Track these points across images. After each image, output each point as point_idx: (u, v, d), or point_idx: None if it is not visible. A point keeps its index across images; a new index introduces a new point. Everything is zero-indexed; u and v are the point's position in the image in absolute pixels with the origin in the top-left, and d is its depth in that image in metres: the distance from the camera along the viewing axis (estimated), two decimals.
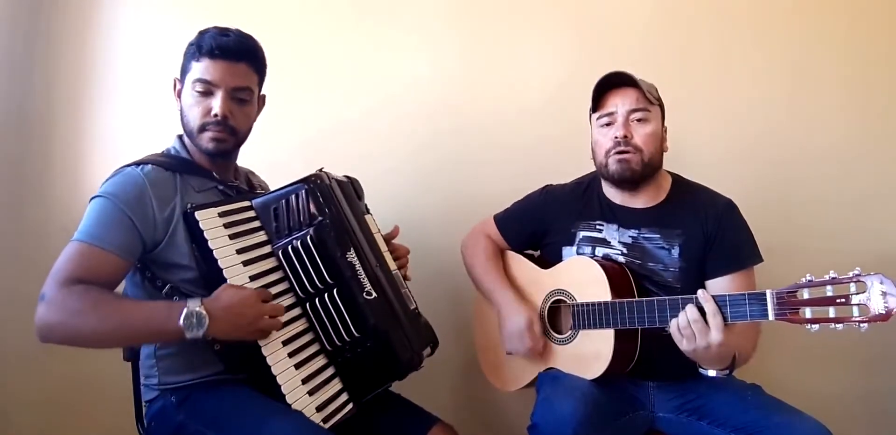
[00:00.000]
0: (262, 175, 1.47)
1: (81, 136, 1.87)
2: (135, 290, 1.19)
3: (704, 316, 1.11)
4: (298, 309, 1.19)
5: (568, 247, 1.42)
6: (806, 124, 1.75)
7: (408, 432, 1.27)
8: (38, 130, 1.86)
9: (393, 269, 1.32)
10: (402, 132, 1.86)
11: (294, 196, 1.20)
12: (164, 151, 1.29)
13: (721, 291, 1.28)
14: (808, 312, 1.02)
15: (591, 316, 1.29)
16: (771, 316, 1.06)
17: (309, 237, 1.16)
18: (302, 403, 1.11)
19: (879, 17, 1.75)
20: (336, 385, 1.18)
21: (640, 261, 1.34)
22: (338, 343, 1.17)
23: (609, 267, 1.31)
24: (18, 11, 1.85)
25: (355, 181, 1.36)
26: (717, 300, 1.11)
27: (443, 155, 1.85)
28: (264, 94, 1.33)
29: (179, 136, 1.29)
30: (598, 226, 1.40)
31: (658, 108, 1.36)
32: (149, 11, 1.90)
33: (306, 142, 1.86)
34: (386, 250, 1.33)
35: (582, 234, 1.41)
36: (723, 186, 1.40)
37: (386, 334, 1.18)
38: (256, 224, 1.21)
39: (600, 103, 1.35)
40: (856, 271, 1.00)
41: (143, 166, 1.18)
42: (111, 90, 1.89)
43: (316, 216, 1.18)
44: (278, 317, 1.12)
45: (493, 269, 1.49)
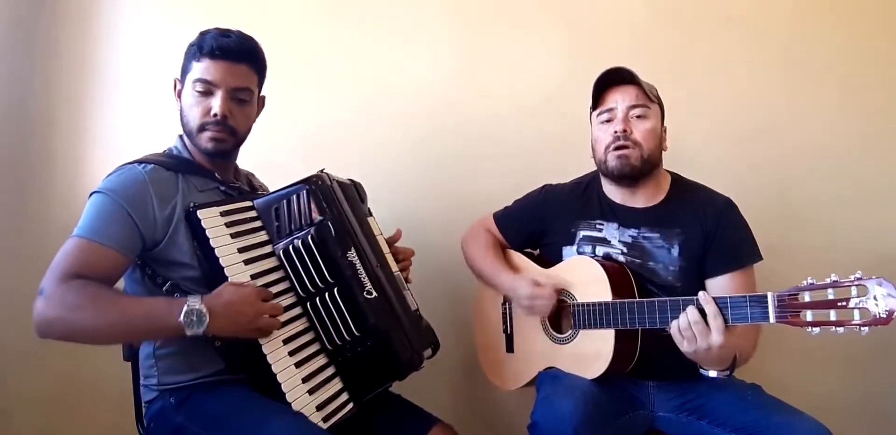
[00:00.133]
0: (261, 175, 1.47)
1: (82, 136, 1.87)
2: (134, 287, 1.19)
3: (705, 317, 1.11)
4: (299, 308, 1.19)
5: (568, 246, 1.42)
6: (804, 124, 1.75)
7: (408, 433, 1.27)
8: (39, 130, 1.86)
9: (395, 270, 1.32)
10: (401, 132, 1.85)
11: (295, 196, 1.20)
12: (165, 151, 1.29)
13: (721, 289, 1.28)
14: (808, 315, 1.02)
15: (592, 316, 1.29)
16: (772, 318, 1.06)
17: (310, 237, 1.17)
18: (302, 401, 1.11)
19: (879, 15, 1.74)
20: (336, 384, 1.19)
21: (640, 260, 1.34)
22: (338, 342, 1.17)
23: (609, 267, 1.31)
24: (19, 11, 1.85)
25: (359, 185, 1.36)
26: (718, 302, 1.11)
27: (442, 154, 1.85)
28: (264, 96, 1.33)
29: (181, 136, 1.29)
30: (598, 225, 1.40)
31: (657, 107, 1.36)
32: (149, 11, 1.90)
33: (305, 142, 1.86)
34: (388, 252, 1.33)
35: (582, 233, 1.41)
36: (721, 186, 1.40)
37: (386, 334, 1.18)
38: (258, 224, 1.21)
39: (600, 100, 1.36)
40: (857, 275, 0.99)
41: (144, 165, 1.18)
42: (111, 89, 1.89)
43: (317, 216, 1.18)
44: (278, 316, 1.12)
45: (492, 255, 1.49)
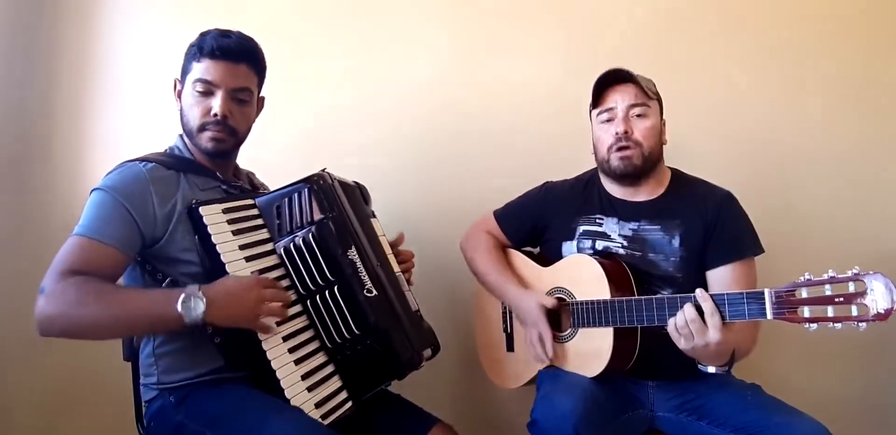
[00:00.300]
0: (260, 175, 1.48)
1: (82, 136, 1.89)
2: (133, 284, 1.19)
3: (702, 315, 1.11)
4: (299, 306, 1.19)
5: (568, 241, 1.42)
6: (804, 122, 1.75)
7: (408, 433, 1.27)
8: (39, 130, 1.88)
9: (396, 270, 1.32)
10: (401, 132, 1.86)
11: (297, 195, 1.21)
12: (166, 150, 1.30)
13: (721, 280, 1.29)
14: (806, 311, 1.01)
15: (591, 314, 1.29)
16: (769, 315, 1.05)
17: (311, 235, 1.18)
18: (301, 398, 1.11)
19: (879, 16, 1.75)
20: (336, 382, 1.19)
21: (640, 253, 1.35)
22: (338, 340, 1.18)
23: (608, 265, 1.31)
24: (19, 11, 1.87)
25: (363, 187, 1.38)
26: (716, 299, 1.11)
27: (441, 154, 1.85)
28: (263, 96, 1.34)
29: (182, 136, 1.30)
30: (597, 220, 1.41)
31: (656, 103, 1.37)
32: (148, 11, 1.91)
33: (305, 142, 1.87)
34: (390, 253, 1.34)
35: (582, 228, 1.41)
36: (721, 184, 1.40)
37: (386, 332, 1.19)
38: (259, 222, 1.22)
39: (600, 99, 1.37)
40: (855, 270, 0.99)
41: (146, 163, 1.19)
42: (111, 90, 1.90)
43: (318, 215, 1.19)
44: (282, 304, 1.12)
45: (495, 263, 1.49)
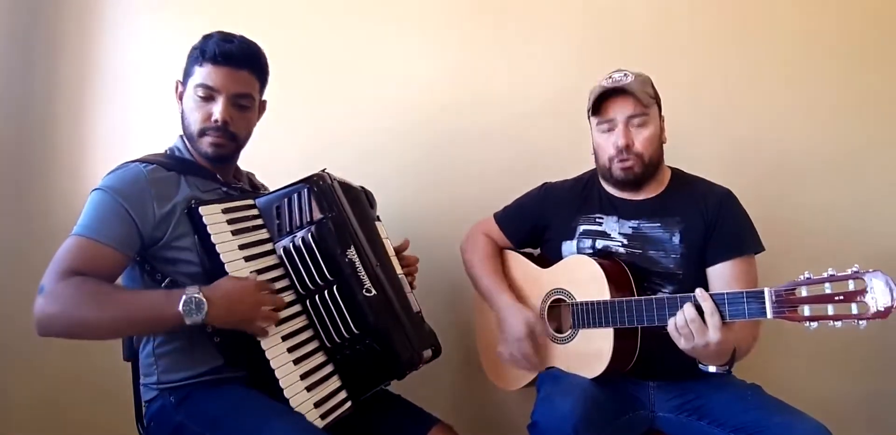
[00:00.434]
0: (260, 176, 1.48)
1: (82, 135, 1.89)
2: (132, 284, 1.19)
3: (702, 315, 1.11)
4: (298, 306, 1.20)
5: (568, 241, 1.42)
6: (804, 122, 1.75)
7: (408, 433, 1.26)
8: (39, 130, 1.88)
9: (399, 272, 1.32)
10: (402, 133, 1.86)
11: (296, 195, 1.22)
12: (166, 151, 1.30)
13: (722, 277, 1.29)
14: (806, 310, 1.01)
15: (591, 315, 1.29)
16: (769, 314, 1.05)
17: (310, 235, 1.18)
18: (299, 398, 1.11)
19: (880, 16, 1.75)
20: (335, 382, 1.19)
21: (640, 250, 1.35)
22: (337, 340, 1.18)
23: (608, 265, 1.31)
24: (19, 11, 1.88)
25: (368, 192, 1.38)
26: (715, 299, 1.11)
27: (444, 156, 1.85)
28: (265, 100, 1.34)
29: (182, 137, 1.30)
30: (597, 219, 1.41)
31: (655, 105, 1.36)
32: (149, 11, 1.91)
33: (306, 144, 1.86)
34: (393, 255, 1.34)
35: (582, 227, 1.41)
36: (721, 182, 1.40)
37: (385, 332, 1.19)
38: (259, 222, 1.22)
39: (599, 110, 1.35)
40: (854, 268, 0.99)
41: (146, 164, 1.19)
42: (112, 89, 1.90)
43: (318, 215, 1.20)
44: (278, 308, 1.13)
45: (490, 269, 1.49)
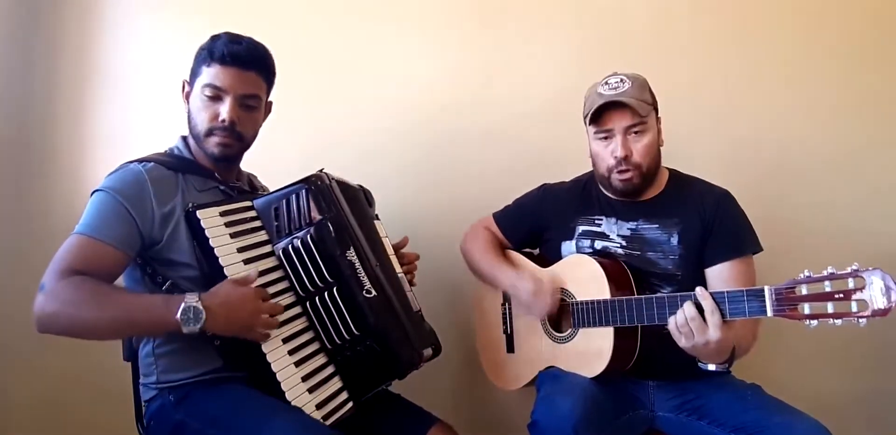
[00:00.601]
0: (261, 176, 1.48)
1: (82, 135, 1.89)
2: (134, 286, 1.20)
3: (702, 313, 1.11)
4: (298, 307, 1.19)
5: (567, 241, 1.42)
6: (804, 122, 1.75)
7: (408, 433, 1.26)
8: (39, 129, 1.88)
9: (398, 271, 1.32)
10: (402, 133, 1.86)
11: (295, 196, 1.21)
12: (166, 151, 1.30)
13: (720, 277, 1.29)
14: (806, 308, 1.01)
15: (591, 314, 1.29)
16: (769, 312, 1.05)
17: (309, 236, 1.17)
18: (302, 400, 1.11)
19: (880, 16, 1.75)
20: (336, 383, 1.19)
21: (639, 252, 1.35)
22: (337, 341, 1.17)
23: (608, 264, 1.31)
24: (19, 11, 1.87)
25: (367, 190, 1.38)
26: (716, 297, 1.11)
27: (443, 155, 1.85)
28: (271, 101, 1.35)
29: (183, 137, 1.30)
30: (596, 220, 1.41)
31: (652, 111, 1.34)
32: (149, 10, 1.91)
33: (307, 144, 1.86)
34: (392, 254, 1.34)
35: (581, 228, 1.42)
36: (720, 182, 1.40)
37: (385, 332, 1.19)
38: (257, 224, 1.22)
39: (597, 120, 1.33)
40: (854, 266, 0.99)
41: (145, 163, 1.20)
42: (112, 89, 1.90)
43: (316, 216, 1.19)
44: (276, 315, 1.13)
45: (491, 252, 1.49)
